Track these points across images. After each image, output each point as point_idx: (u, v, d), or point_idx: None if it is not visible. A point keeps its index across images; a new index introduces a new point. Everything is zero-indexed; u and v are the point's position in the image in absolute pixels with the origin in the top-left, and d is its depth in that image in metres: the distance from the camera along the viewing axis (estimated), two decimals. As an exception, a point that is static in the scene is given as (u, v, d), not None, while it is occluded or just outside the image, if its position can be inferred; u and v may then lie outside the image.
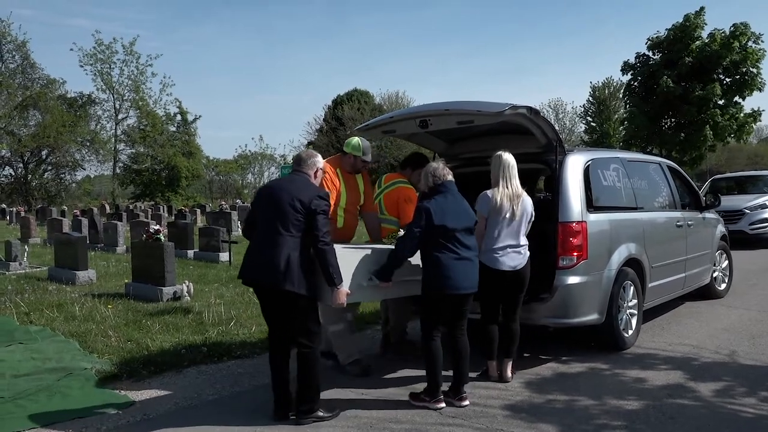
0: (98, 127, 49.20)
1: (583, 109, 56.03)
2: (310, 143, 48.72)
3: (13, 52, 45.68)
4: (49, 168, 49.44)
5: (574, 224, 5.58)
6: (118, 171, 49.24)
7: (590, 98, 54.84)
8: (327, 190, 5.04)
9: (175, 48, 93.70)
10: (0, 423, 4.43)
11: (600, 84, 54.59)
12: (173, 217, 26.49)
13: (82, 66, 47.45)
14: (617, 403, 4.62)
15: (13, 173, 48.29)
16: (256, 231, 4.40)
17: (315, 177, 4.54)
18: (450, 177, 4.72)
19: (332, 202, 5.09)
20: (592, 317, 5.71)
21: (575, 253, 5.55)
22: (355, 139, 5.56)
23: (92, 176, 53.57)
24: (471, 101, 5.63)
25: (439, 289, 4.50)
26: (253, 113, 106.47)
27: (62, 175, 50.04)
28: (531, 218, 5.17)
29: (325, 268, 4.17)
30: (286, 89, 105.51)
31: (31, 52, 47.22)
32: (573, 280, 5.55)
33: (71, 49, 70.25)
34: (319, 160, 4.60)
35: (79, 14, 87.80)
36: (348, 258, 4.43)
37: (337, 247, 4.38)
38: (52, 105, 45.80)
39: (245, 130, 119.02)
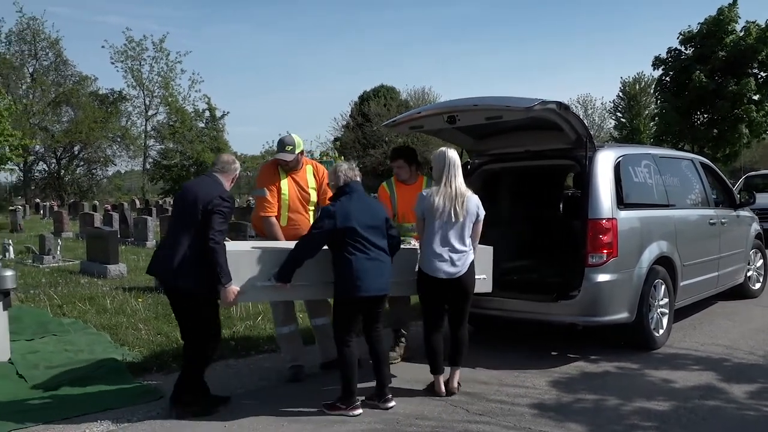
0: (129, 123, 50.06)
1: (612, 104, 55.36)
2: (336, 139, 48.89)
3: (47, 50, 46.66)
4: (81, 163, 50.38)
5: (604, 221, 5.51)
6: (148, 166, 49.90)
7: (620, 94, 54.10)
8: (265, 188, 5.15)
9: (203, 44, 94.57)
10: (33, 413, 4.53)
11: (630, 79, 53.85)
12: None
13: (113, 63, 48.30)
14: (647, 404, 4.55)
15: (46, 168, 49.37)
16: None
17: (231, 182, 4.61)
18: (357, 177, 4.59)
19: (274, 200, 5.15)
20: (622, 316, 5.63)
21: (605, 251, 5.48)
22: (279, 139, 5.29)
23: (123, 172, 54.44)
24: (500, 96, 5.58)
25: (350, 292, 4.36)
26: (280, 109, 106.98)
27: (94, 171, 50.99)
28: (478, 219, 4.74)
29: (212, 267, 4.19)
30: (313, 85, 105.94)
31: (64, 50, 48.23)
32: (602, 277, 5.47)
33: (102, 47, 71.58)
34: (237, 167, 4.66)
35: (111, 12, 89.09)
36: (243, 257, 4.37)
37: (233, 245, 4.47)
38: (84, 101, 46.69)
39: (272, 126, 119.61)
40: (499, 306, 5.97)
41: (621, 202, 5.74)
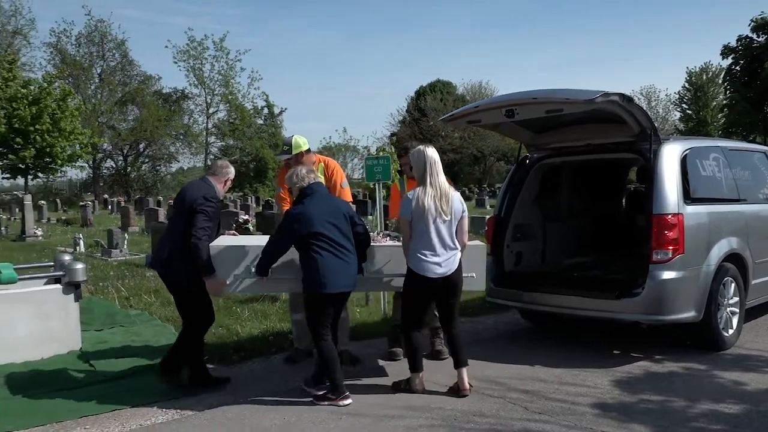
0: (191, 120, 51.44)
1: (678, 96, 53.55)
2: (393, 135, 48.93)
3: (114, 51, 48.39)
4: (146, 160, 52.11)
5: (669, 216, 5.33)
6: (209, 163, 51.19)
7: (686, 84, 52.28)
8: (279, 186, 5.59)
9: (262, 42, 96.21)
10: (104, 401, 4.71)
11: (697, 69, 51.93)
12: (261, 208, 27.31)
13: (176, 62, 49.85)
14: (716, 407, 4.38)
15: (114, 165, 51.32)
16: None
17: (224, 186, 4.97)
18: (319, 179, 4.78)
19: (286, 196, 5.48)
20: (689, 315, 5.43)
21: (671, 247, 5.30)
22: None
23: (185, 168, 55.95)
24: (560, 89, 5.47)
25: (316, 289, 4.50)
26: (337, 105, 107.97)
27: (158, 167, 52.69)
28: (463, 215, 4.69)
29: (195, 261, 4.60)
30: (370, 81, 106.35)
31: (130, 50, 49.92)
32: (668, 275, 5.29)
33: (166, 47, 73.81)
34: (230, 171, 5.06)
35: (175, 12, 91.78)
36: (226, 252, 4.70)
37: (222, 240, 4.89)
38: (148, 100, 48.24)
39: (329, 122, 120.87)
40: (559, 303, 5.87)
41: (688, 197, 5.54)
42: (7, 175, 23.69)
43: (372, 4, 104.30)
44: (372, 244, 4.91)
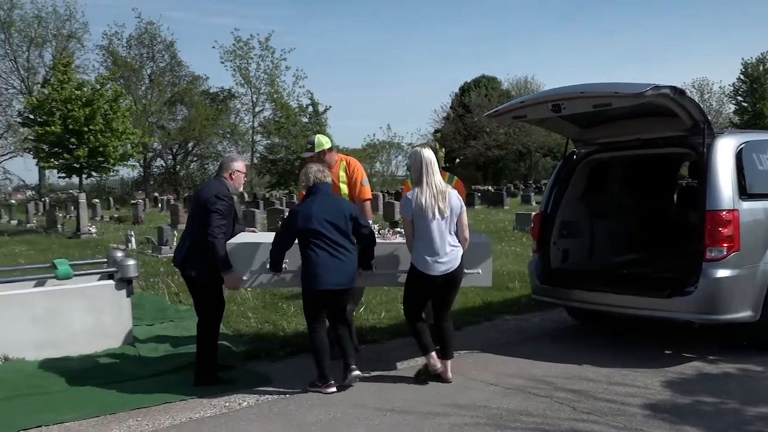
0: (237, 119, 52.35)
1: (732, 88, 51.78)
2: (437, 131, 48.70)
3: (163, 52, 49.59)
4: (195, 159, 53.23)
5: (724, 213, 5.16)
6: (255, 161, 51.92)
7: (741, 76, 50.57)
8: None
9: (307, 41, 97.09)
10: (155, 394, 4.83)
11: (753, 60, 50.11)
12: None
13: (222, 62, 50.56)
14: (774, 409, 4.22)
15: (163, 164, 52.57)
16: None
17: (231, 178, 5.16)
18: (328, 180, 4.93)
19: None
20: (745, 314, 5.25)
21: (725, 244, 5.13)
22: None
23: (232, 166, 56.93)
24: (608, 83, 5.36)
25: (310, 285, 4.71)
26: (381, 103, 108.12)
27: (206, 166, 53.68)
28: (461, 211, 4.86)
29: (212, 258, 4.81)
30: (414, 78, 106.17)
31: (178, 51, 51.01)
32: (722, 273, 5.13)
33: (213, 47, 75.09)
34: (234, 165, 5.21)
35: (221, 13, 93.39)
36: (242, 249, 4.98)
37: (240, 237, 5.15)
38: (196, 100, 49.28)
39: (373, 120, 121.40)
40: (607, 301, 5.75)
41: (743, 193, 5.35)
42: (63, 175, 24.38)
43: (415, 1, 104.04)
44: (382, 241, 5.12)
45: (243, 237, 5.28)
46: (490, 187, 38.27)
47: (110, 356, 5.74)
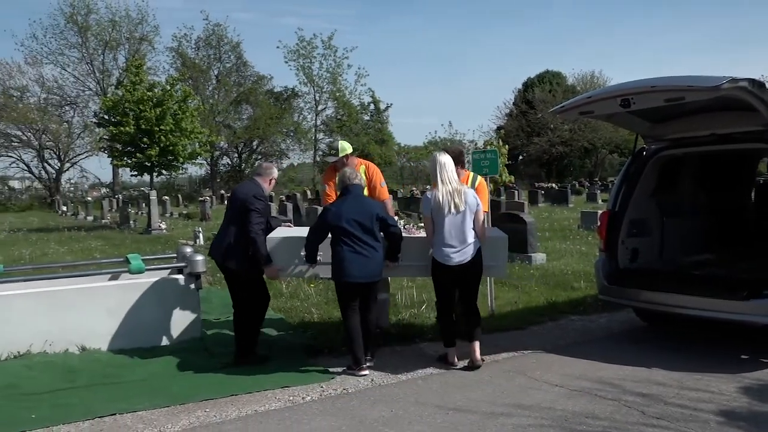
0: (300, 118, 53.15)
1: (815, 79, 48.99)
2: (499, 128, 48.13)
3: (229, 53, 50.82)
4: (259, 157, 54.31)
5: (808, 211, 4.89)
6: (317, 159, 52.64)
7: (825, 67, 47.73)
8: (325, 184, 6.34)
9: (368, 39, 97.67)
10: (222, 386, 4.96)
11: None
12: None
13: (286, 62, 51.33)
14: None
15: (229, 162, 53.95)
16: None
17: (269, 184, 5.60)
18: (356, 181, 5.33)
19: (332, 193, 6.16)
20: (829, 319, 4.96)
21: (809, 245, 4.86)
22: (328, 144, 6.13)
23: (295, 164, 57.91)
24: (681, 76, 5.16)
25: (336, 276, 5.19)
26: (443, 100, 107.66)
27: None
28: (477, 209, 5.25)
29: (254, 252, 5.27)
30: (476, 74, 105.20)
31: (244, 52, 52.17)
32: (807, 274, 4.86)
33: (277, 47, 76.46)
34: (273, 172, 5.72)
35: (287, 14, 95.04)
36: (281, 242, 5.42)
37: (279, 231, 5.59)
38: (261, 99, 50.33)
39: (435, 117, 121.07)
40: (679, 303, 5.55)
41: (829, 190, 5.06)
42: (135, 173, 25.30)
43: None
44: (407, 235, 5.54)
45: (281, 232, 5.68)
46: (553, 185, 37.53)
47: (179, 348, 5.92)
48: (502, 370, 5.24)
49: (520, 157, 54.08)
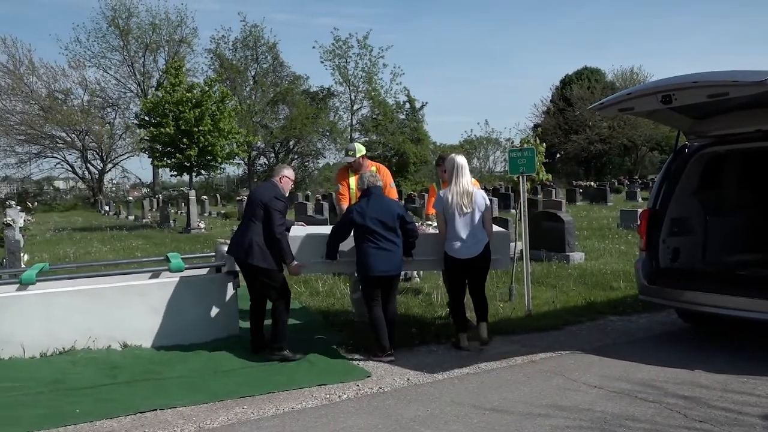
0: (336, 117, 53.34)
1: None
2: (536, 126, 47.62)
3: (266, 54, 51.28)
4: (296, 156, 54.79)
5: None
6: (352, 158, 52.77)
7: None
8: (339, 184, 6.90)
9: (404, 38, 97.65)
10: (259, 383, 5.03)
11: None
12: (403, 201, 27.75)
13: (322, 62, 51.71)
14: None
15: (266, 162, 54.44)
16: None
17: (281, 182, 5.84)
18: (379, 183, 5.76)
19: (345, 192, 6.82)
20: None
21: None
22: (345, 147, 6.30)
23: (331, 164, 58.16)
24: (725, 71, 5.00)
25: (362, 271, 5.60)
26: (479, 98, 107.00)
27: (306, 163, 55.21)
28: (486, 208, 5.76)
29: (278, 251, 5.55)
30: (512, 72, 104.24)
31: (281, 53, 52.65)
32: None
33: (313, 47, 77.07)
34: (285, 171, 5.94)
35: (323, 14, 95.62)
36: (304, 240, 5.83)
37: (299, 230, 6.11)
38: (297, 99, 50.66)
39: (471, 115, 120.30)
40: (722, 303, 5.40)
41: None
42: (174, 173, 25.74)
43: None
44: (419, 232, 5.93)
45: (299, 230, 6.13)
46: (592, 183, 36.96)
47: (218, 345, 6.00)
48: (540, 370, 5.19)
49: (558, 155, 53.38)
